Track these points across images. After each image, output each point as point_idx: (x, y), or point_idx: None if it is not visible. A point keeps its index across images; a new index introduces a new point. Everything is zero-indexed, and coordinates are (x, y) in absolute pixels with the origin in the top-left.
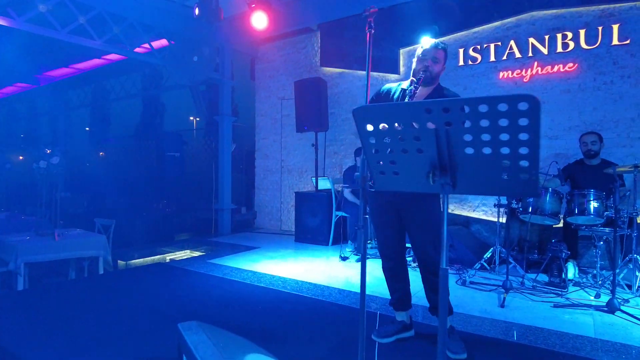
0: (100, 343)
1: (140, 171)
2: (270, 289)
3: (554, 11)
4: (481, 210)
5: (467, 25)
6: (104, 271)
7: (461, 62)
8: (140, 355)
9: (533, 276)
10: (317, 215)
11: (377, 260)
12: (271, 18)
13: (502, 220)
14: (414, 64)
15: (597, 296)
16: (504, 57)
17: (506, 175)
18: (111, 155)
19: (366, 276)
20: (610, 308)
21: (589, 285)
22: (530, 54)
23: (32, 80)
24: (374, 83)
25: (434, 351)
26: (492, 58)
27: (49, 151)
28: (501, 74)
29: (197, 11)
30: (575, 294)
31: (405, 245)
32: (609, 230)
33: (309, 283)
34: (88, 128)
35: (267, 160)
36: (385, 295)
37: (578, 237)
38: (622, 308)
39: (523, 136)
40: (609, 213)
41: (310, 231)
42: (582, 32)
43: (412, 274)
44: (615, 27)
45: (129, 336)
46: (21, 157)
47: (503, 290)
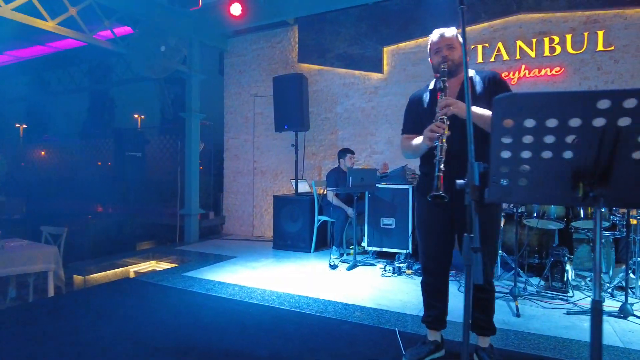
0: None
1: (93, 172)
2: (265, 307)
3: (541, 15)
4: None
5: (455, 25)
6: (56, 289)
7: None
8: None
9: (535, 281)
10: (298, 220)
11: (369, 267)
12: (244, 9)
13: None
14: (431, 59)
15: (603, 299)
16: (492, 59)
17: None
18: (54, 154)
19: (365, 286)
20: (623, 313)
21: (589, 288)
22: (517, 57)
23: None
24: (355, 82)
25: None
26: (480, 59)
27: None
28: None
29: None
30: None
31: (451, 258)
32: (609, 233)
33: (307, 297)
34: (23, 125)
35: (238, 161)
36: (391, 307)
37: (573, 240)
38: (635, 313)
39: None
40: (614, 217)
41: (290, 237)
42: (569, 37)
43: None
44: (600, 34)
45: None
46: None
47: (511, 297)
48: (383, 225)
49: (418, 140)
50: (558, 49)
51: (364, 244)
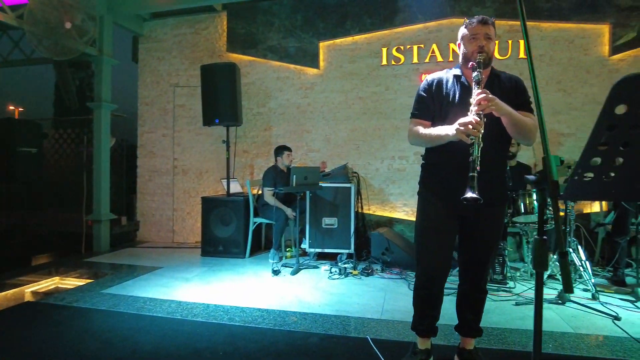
0: None
1: None
2: (214, 324)
3: None
4: (403, 210)
5: (392, 24)
6: None
7: (384, 62)
8: None
9: None
10: (230, 223)
11: (313, 270)
12: None
13: None
14: (465, 45)
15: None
16: (427, 60)
17: None
18: None
19: (316, 291)
20: (562, 300)
21: (523, 279)
22: (450, 59)
23: None
24: (290, 76)
25: None
26: (415, 60)
27: None
28: (423, 77)
29: None
30: (519, 289)
31: (451, 264)
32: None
33: (259, 310)
34: None
35: (155, 158)
36: (351, 313)
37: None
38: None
39: None
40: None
41: (222, 243)
42: (496, 44)
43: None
44: (521, 42)
45: None
46: None
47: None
48: (325, 225)
49: (444, 130)
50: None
51: (304, 246)
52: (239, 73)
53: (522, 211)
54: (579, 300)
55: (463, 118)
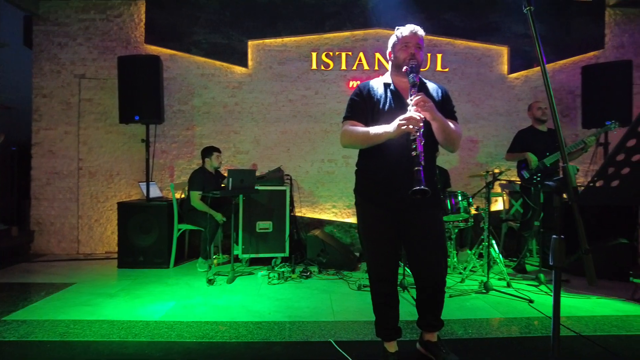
0: None
1: None
2: (163, 343)
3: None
4: (332, 212)
5: (322, 29)
6: None
7: (314, 66)
8: None
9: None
10: (152, 230)
11: (249, 276)
12: None
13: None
14: (396, 53)
15: (462, 281)
16: (354, 67)
17: None
18: None
19: (261, 298)
20: (486, 289)
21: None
22: (376, 67)
23: None
24: (216, 73)
25: None
26: (343, 66)
27: None
28: (351, 83)
29: None
30: (449, 282)
31: (398, 265)
32: (463, 224)
33: (208, 323)
34: None
35: (54, 158)
36: (304, 317)
37: None
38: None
39: None
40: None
41: (142, 252)
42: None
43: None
44: (439, 56)
45: None
46: None
47: (401, 289)
48: (259, 229)
49: (383, 128)
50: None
51: (237, 252)
52: (162, 67)
53: (449, 210)
54: (499, 288)
55: (403, 115)
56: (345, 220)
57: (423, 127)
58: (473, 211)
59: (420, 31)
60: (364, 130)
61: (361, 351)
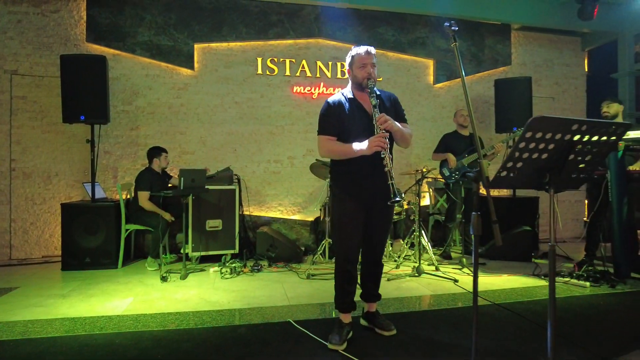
0: None
1: None
2: (132, 333)
3: (334, 43)
4: (278, 210)
5: (266, 36)
6: None
7: (259, 71)
8: None
9: None
10: (99, 231)
11: (201, 273)
12: None
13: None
14: (354, 71)
15: (398, 267)
16: (297, 74)
17: (574, 174)
18: None
19: (218, 291)
20: (418, 273)
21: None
22: (317, 75)
23: None
24: (161, 74)
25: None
26: (288, 72)
27: None
28: (294, 88)
29: None
30: (387, 267)
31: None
32: (397, 217)
33: (171, 314)
34: None
35: None
36: (263, 304)
37: None
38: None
39: (604, 149)
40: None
41: (89, 254)
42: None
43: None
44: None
45: None
46: None
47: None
48: (209, 228)
49: (358, 146)
50: (346, 73)
51: (187, 250)
52: (108, 67)
53: None
54: (429, 272)
55: (373, 137)
56: (290, 217)
57: (389, 145)
58: (405, 205)
59: (373, 50)
60: (343, 147)
61: (317, 328)
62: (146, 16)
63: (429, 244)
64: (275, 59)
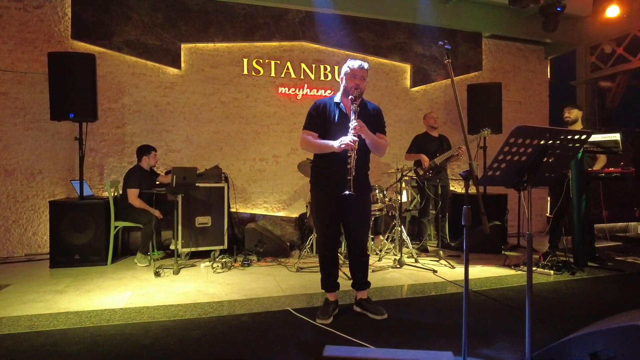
0: None
1: None
2: (141, 323)
3: (318, 46)
4: (263, 207)
5: (252, 38)
6: None
7: (245, 71)
8: None
9: None
10: (88, 229)
11: (192, 268)
12: None
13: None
14: (344, 81)
15: (380, 260)
16: (282, 75)
17: (547, 174)
18: None
19: (213, 284)
20: (400, 264)
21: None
22: (302, 77)
23: None
24: (147, 73)
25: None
26: (273, 73)
27: None
28: (279, 89)
29: None
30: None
31: (339, 233)
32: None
33: (173, 305)
34: None
35: None
36: (260, 295)
37: None
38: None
39: (572, 152)
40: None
41: (78, 251)
42: (337, 68)
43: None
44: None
45: None
46: None
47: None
48: (199, 224)
49: (330, 143)
50: (329, 76)
51: (177, 246)
52: (96, 65)
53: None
54: (409, 263)
55: (344, 137)
56: (276, 214)
57: (356, 148)
58: (387, 202)
59: (365, 65)
60: (318, 143)
61: (314, 315)
62: (133, 15)
63: (408, 238)
64: (260, 60)
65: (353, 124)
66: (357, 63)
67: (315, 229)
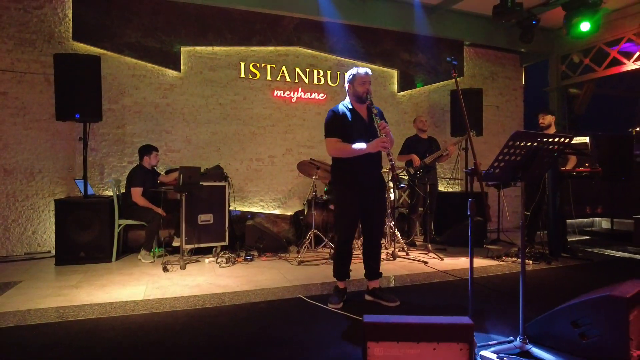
0: None
1: None
2: (168, 312)
3: (311, 52)
4: (259, 205)
5: (249, 42)
6: None
7: (242, 75)
8: None
9: None
10: (92, 226)
11: (197, 264)
12: None
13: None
14: (355, 87)
15: None
16: (278, 79)
17: (537, 171)
18: None
19: (223, 277)
20: (393, 257)
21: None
22: (296, 81)
23: None
24: (147, 75)
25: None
26: (269, 77)
27: None
28: (275, 92)
29: None
30: None
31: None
32: None
33: (192, 296)
34: None
35: None
36: (270, 285)
37: None
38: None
39: (557, 153)
40: None
41: (83, 248)
42: (329, 73)
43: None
44: (346, 74)
45: None
46: None
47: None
48: (201, 222)
49: (361, 146)
50: (322, 80)
51: (182, 243)
52: (100, 67)
53: None
54: (402, 257)
55: (379, 139)
56: (271, 212)
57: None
58: None
59: (370, 72)
60: (350, 147)
61: (324, 300)
62: (133, 18)
63: (399, 233)
64: (257, 64)
65: (382, 125)
66: (363, 70)
67: (337, 224)
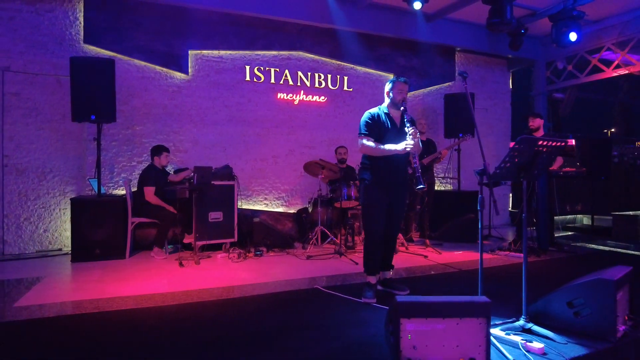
0: None
1: None
2: (208, 302)
3: (313, 56)
4: (263, 203)
5: (254, 47)
6: None
7: (248, 78)
8: None
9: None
10: (107, 224)
11: (209, 259)
12: None
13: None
14: (392, 94)
15: None
16: (281, 82)
17: (536, 171)
18: None
19: (238, 271)
20: (395, 252)
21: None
22: (298, 84)
23: None
24: (156, 77)
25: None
26: (272, 80)
27: None
28: (279, 95)
29: None
30: None
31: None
32: None
33: (219, 289)
34: None
35: None
36: (285, 277)
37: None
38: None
39: (554, 155)
40: None
41: (98, 245)
42: (329, 77)
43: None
44: (345, 78)
45: None
46: None
47: (339, 255)
48: (211, 219)
49: (393, 147)
50: (323, 84)
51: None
52: (115, 70)
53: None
54: (402, 251)
55: (407, 141)
56: (275, 209)
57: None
58: None
59: (407, 81)
60: (382, 147)
61: (342, 290)
62: (143, 22)
63: None
64: (261, 68)
65: (412, 131)
66: (402, 79)
67: (367, 222)
